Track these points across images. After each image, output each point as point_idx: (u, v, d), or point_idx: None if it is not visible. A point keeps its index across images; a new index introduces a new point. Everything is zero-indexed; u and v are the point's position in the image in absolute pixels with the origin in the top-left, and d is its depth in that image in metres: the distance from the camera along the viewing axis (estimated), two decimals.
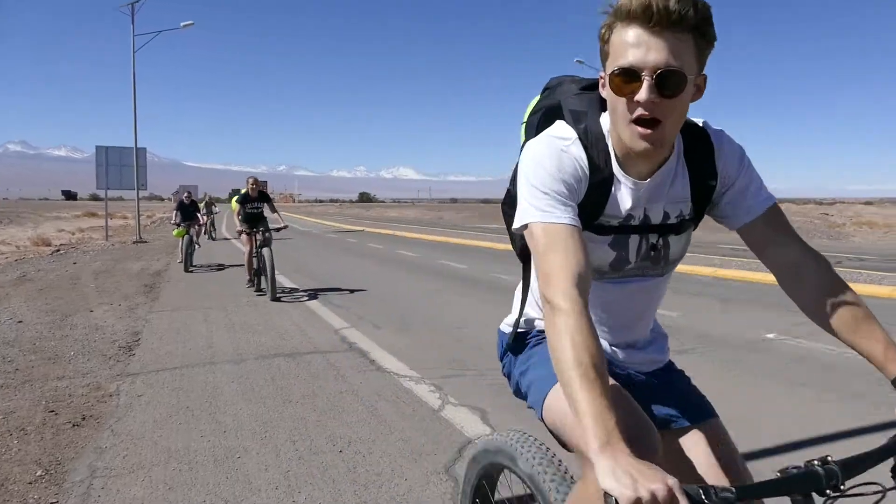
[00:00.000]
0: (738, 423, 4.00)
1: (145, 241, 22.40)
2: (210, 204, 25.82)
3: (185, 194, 15.45)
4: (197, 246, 14.46)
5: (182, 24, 24.99)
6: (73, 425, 4.01)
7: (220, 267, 13.99)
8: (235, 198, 10.33)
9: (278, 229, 10.18)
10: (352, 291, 9.93)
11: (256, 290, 9.83)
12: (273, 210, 10.38)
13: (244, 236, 10.16)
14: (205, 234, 20.30)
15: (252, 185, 10.17)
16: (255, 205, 10.16)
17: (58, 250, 18.46)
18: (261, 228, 10.07)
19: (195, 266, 13.56)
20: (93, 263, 14.58)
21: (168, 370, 5.35)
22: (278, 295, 9.19)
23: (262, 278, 9.76)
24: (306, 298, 9.23)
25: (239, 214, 10.16)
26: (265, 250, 9.48)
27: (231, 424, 4.02)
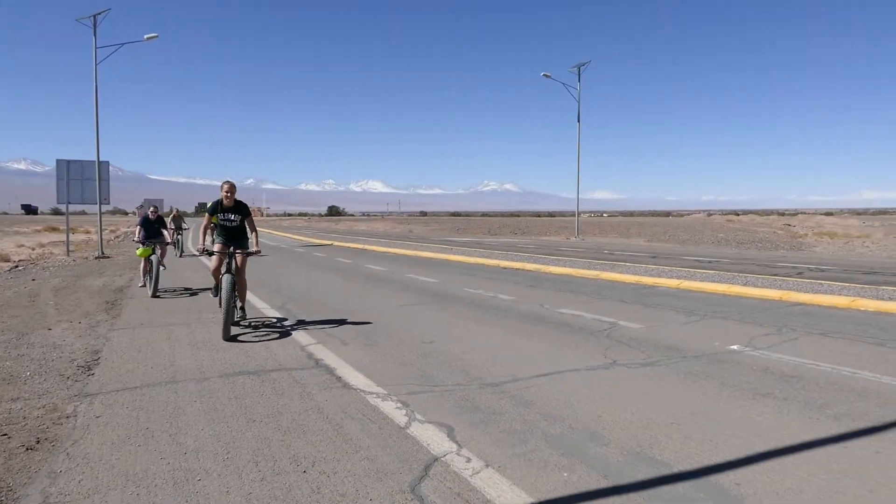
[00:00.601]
0: (701, 435, 4.06)
1: (108, 257, 21.94)
2: (178, 218, 23.53)
3: (151, 209, 13.50)
4: (163, 268, 12.64)
5: (146, 36, 24.71)
6: (27, 449, 3.88)
7: (191, 292, 11.97)
8: (208, 205, 8.46)
9: (250, 253, 8.19)
10: (319, 306, 9.83)
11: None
12: (252, 228, 8.37)
13: (214, 257, 8.16)
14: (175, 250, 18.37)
15: (226, 191, 8.08)
16: (230, 217, 8.14)
17: (16, 266, 17.98)
18: (235, 250, 8.09)
19: (162, 291, 11.92)
20: (52, 280, 14.22)
21: (128, 390, 5.22)
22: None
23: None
24: (271, 309, 9.12)
25: (210, 229, 8.39)
26: (228, 277, 7.69)
27: (192, 445, 3.93)
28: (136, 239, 12.97)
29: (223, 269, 7.90)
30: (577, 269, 15.35)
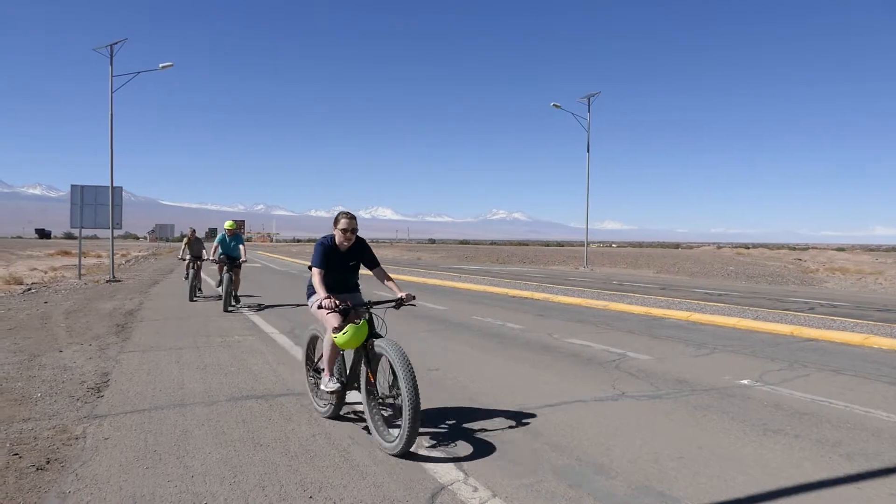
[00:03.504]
0: (711, 470, 4.02)
1: (119, 280, 22.09)
2: (198, 242, 17.11)
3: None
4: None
5: (161, 65, 25.13)
6: (37, 469, 3.90)
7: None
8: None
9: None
10: None
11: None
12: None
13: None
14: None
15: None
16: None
17: (29, 289, 18.12)
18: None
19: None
20: (64, 302, 14.32)
21: (137, 412, 5.24)
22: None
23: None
24: (280, 333, 9.13)
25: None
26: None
27: (199, 469, 3.94)
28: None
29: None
30: (585, 299, 15.32)
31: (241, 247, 13.79)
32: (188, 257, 16.49)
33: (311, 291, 5.02)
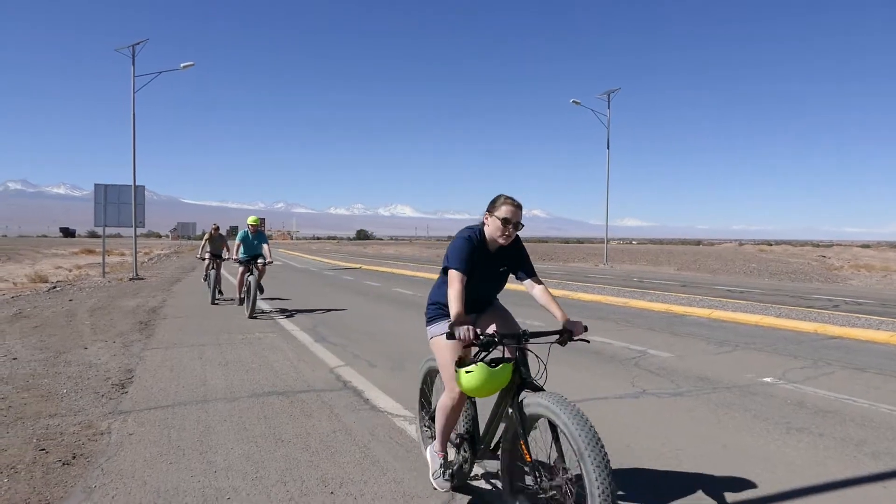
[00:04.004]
0: (733, 468, 3.99)
1: (142, 279, 22.37)
2: (221, 238, 15.67)
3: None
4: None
5: (182, 65, 25.38)
6: (64, 464, 3.96)
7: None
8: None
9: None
10: (348, 328, 9.91)
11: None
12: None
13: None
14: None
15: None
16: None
17: (54, 287, 18.42)
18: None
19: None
20: (89, 300, 14.54)
21: (160, 408, 5.31)
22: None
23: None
24: (301, 330, 9.20)
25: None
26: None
27: (222, 464, 3.98)
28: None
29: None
30: (605, 296, 15.24)
31: (265, 246, 12.39)
32: (207, 256, 15.03)
33: (433, 312, 3.63)
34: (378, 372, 6.78)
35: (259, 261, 12.29)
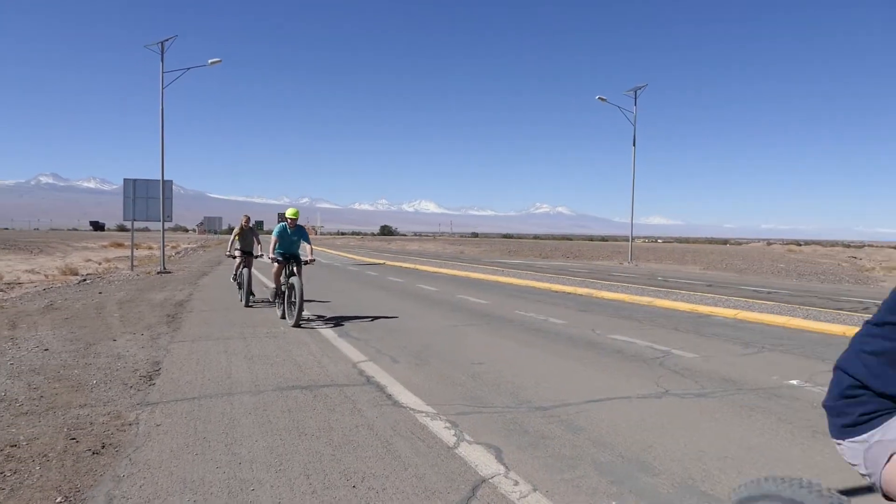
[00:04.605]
0: (756, 471, 3.94)
1: (169, 272, 22.71)
2: (251, 232, 13.66)
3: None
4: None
5: (209, 61, 25.66)
6: (93, 453, 4.06)
7: (304, 326, 9.86)
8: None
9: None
10: (371, 324, 9.97)
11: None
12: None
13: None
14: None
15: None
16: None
17: (84, 279, 18.79)
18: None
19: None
20: (117, 293, 14.81)
21: (187, 400, 5.40)
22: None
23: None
24: (324, 325, 9.28)
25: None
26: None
27: (247, 456, 4.04)
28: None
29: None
30: (629, 294, 15.14)
31: (306, 244, 11.04)
32: (238, 253, 13.13)
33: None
34: (401, 368, 6.82)
35: (306, 256, 10.99)
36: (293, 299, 9.95)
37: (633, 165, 36.94)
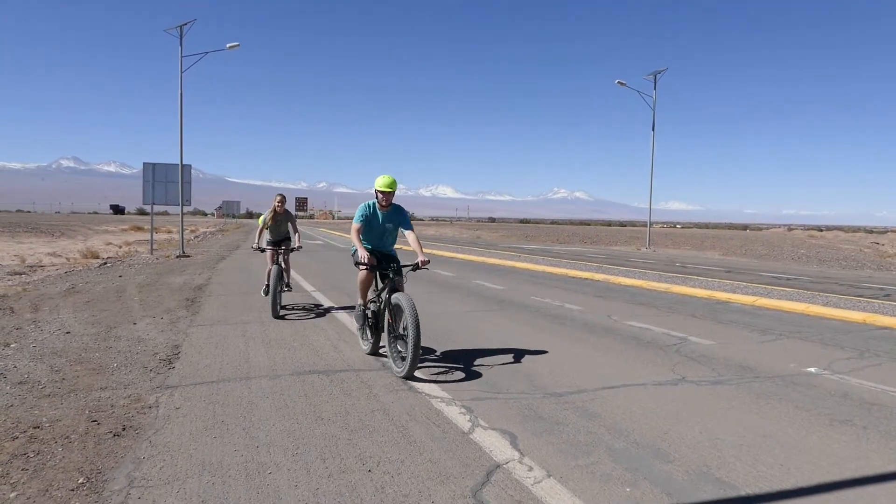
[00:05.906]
0: (772, 459, 3.93)
1: (188, 256, 22.93)
2: (286, 216, 10.78)
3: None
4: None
5: (228, 45, 25.69)
6: (114, 435, 4.13)
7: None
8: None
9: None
10: None
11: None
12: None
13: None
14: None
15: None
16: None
17: (105, 263, 19.03)
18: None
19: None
20: (137, 277, 14.99)
21: (206, 384, 5.47)
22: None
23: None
24: (338, 310, 9.34)
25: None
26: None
27: (264, 439, 4.10)
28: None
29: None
30: (647, 281, 15.05)
31: (409, 233, 6.94)
32: (269, 247, 9.86)
33: None
34: None
35: (419, 258, 6.58)
36: (400, 332, 6.00)
37: (651, 150, 36.60)
